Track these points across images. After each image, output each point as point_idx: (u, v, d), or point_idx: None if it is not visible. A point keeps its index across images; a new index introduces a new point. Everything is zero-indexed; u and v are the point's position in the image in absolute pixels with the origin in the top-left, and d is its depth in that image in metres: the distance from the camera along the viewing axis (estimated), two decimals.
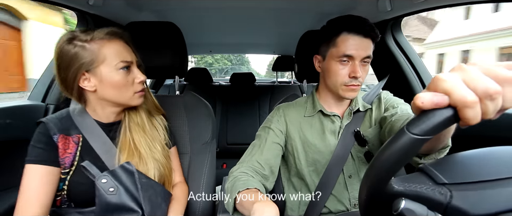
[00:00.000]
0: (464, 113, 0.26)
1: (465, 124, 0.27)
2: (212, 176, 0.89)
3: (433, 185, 0.32)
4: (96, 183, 0.62)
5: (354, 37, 0.68)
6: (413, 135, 0.28)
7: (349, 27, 0.69)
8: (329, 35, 0.72)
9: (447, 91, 0.27)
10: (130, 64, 0.67)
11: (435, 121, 0.27)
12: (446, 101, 0.27)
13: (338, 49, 0.69)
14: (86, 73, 0.63)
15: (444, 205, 0.31)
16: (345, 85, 0.71)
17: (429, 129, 0.28)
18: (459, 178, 0.32)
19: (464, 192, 0.31)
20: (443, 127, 0.28)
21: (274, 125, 0.80)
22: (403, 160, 0.30)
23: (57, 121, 0.68)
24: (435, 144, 0.47)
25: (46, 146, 0.65)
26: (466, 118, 0.26)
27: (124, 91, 0.67)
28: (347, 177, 0.76)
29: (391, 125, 0.65)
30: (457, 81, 0.27)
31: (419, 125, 0.28)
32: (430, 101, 0.27)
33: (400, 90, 1.12)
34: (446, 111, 0.27)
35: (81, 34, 0.62)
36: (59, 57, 0.62)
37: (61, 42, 0.62)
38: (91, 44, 0.62)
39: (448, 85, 0.27)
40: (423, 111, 0.28)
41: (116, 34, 0.65)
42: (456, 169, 0.34)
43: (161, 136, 0.79)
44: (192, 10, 1.27)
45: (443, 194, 0.31)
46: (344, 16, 0.72)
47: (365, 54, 0.69)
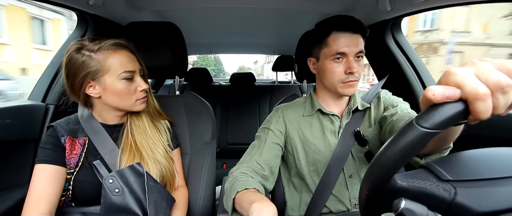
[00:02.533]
0: (475, 106, 0.26)
1: (475, 118, 0.27)
2: (212, 176, 0.89)
3: (437, 182, 0.32)
4: (103, 183, 0.64)
5: (344, 34, 0.70)
6: (422, 128, 0.27)
7: (338, 26, 0.70)
8: (320, 37, 0.73)
9: (459, 84, 0.27)
10: (133, 73, 0.70)
11: (446, 115, 0.27)
12: (457, 95, 0.27)
13: (330, 48, 0.70)
14: (91, 81, 0.67)
15: (448, 202, 0.30)
16: (342, 82, 0.71)
17: (439, 122, 0.27)
18: (463, 175, 0.32)
19: (468, 189, 0.30)
20: (454, 121, 0.27)
21: (273, 126, 0.80)
22: (410, 155, 0.29)
23: (65, 124, 0.73)
24: (440, 144, 0.46)
25: (54, 147, 0.69)
26: (477, 112, 0.26)
27: (127, 99, 0.70)
28: (348, 177, 0.76)
29: (392, 125, 0.65)
30: (469, 74, 0.27)
31: (429, 118, 0.27)
32: (441, 94, 0.27)
33: (399, 90, 1.12)
34: (457, 105, 0.27)
35: (89, 44, 0.66)
36: (68, 65, 0.66)
37: (71, 51, 0.66)
38: (98, 54, 0.66)
39: (460, 78, 0.27)
40: (433, 104, 0.28)
41: (121, 46, 0.69)
42: (459, 166, 0.34)
43: (164, 138, 0.80)
44: (192, 10, 1.27)
45: (448, 190, 0.31)
46: (331, 17, 0.73)
47: (357, 50, 0.70)
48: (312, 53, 0.79)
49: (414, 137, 0.28)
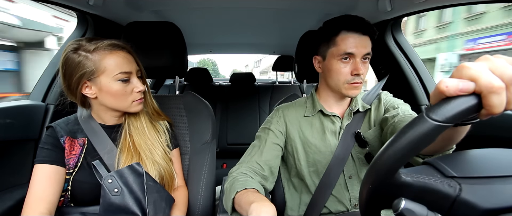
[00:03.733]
0: (489, 99, 0.26)
1: (488, 113, 0.27)
2: (212, 176, 0.89)
3: (442, 178, 0.31)
4: (102, 183, 0.64)
5: (353, 35, 0.69)
6: (432, 121, 0.27)
7: (348, 26, 0.69)
8: (328, 35, 0.72)
9: (473, 77, 0.27)
10: (129, 75, 0.69)
11: (458, 108, 0.26)
12: (471, 87, 0.27)
13: (339, 48, 0.70)
14: (87, 81, 0.67)
15: (453, 198, 0.30)
16: (347, 83, 0.71)
17: (451, 115, 0.26)
18: (468, 172, 0.32)
19: (473, 186, 0.30)
20: (466, 114, 0.27)
21: (273, 126, 0.80)
22: (418, 148, 0.28)
23: (64, 125, 0.73)
24: (445, 144, 0.45)
25: (54, 148, 0.69)
26: (491, 105, 0.26)
27: (123, 100, 0.70)
28: (347, 178, 0.76)
29: (394, 127, 0.65)
30: (484, 68, 0.27)
31: (440, 111, 0.27)
32: (455, 86, 0.27)
33: (400, 90, 1.12)
34: (470, 98, 0.27)
35: (86, 44, 0.66)
36: (65, 65, 0.66)
37: (68, 51, 0.66)
38: (94, 54, 0.65)
39: (474, 72, 0.27)
40: (445, 98, 0.28)
41: (118, 46, 0.68)
42: (464, 164, 0.33)
43: (163, 139, 0.80)
44: (192, 10, 1.27)
45: (453, 186, 0.30)
46: (341, 16, 0.73)
47: (365, 51, 0.69)
48: (318, 52, 0.78)
49: (424, 130, 0.27)
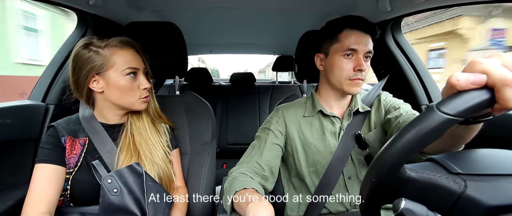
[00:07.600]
0: (503, 93, 0.26)
1: (501, 107, 0.26)
2: (212, 176, 0.89)
3: (447, 174, 0.31)
4: (101, 183, 0.64)
5: (356, 32, 0.71)
6: (443, 114, 0.26)
7: (351, 24, 0.72)
8: (332, 32, 0.74)
9: (485, 71, 0.26)
10: (136, 70, 0.71)
11: (471, 101, 0.26)
12: (483, 80, 0.26)
13: (342, 44, 0.72)
14: (96, 75, 0.69)
15: (457, 194, 0.30)
16: (349, 80, 0.72)
17: (463, 109, 0.26)
18: (474, 169, 0.32)
19: (478, 183, 0.30)
20: (478, 108, 0.26)
21: (273, 126, 0.80)
22: (427, 142, 0.28)
23: (65, 124, 0.74)
24: (454, 142, 0.44)
25: (54, 147, 0.69)
26: (505, 99, 0.26)
27: (129, 95, 0.71)
28: (347, 179, 0.76)
29: (399, 127, 0.65)
30: (496, 62, 0.27)
31: (452, 104, 0.26)
32: (466, 79, 0.26)
33: (400, 90, 1.11)
34: (482, 92, 0.26)
35: (97, 41, 0.69)
36: (75, 60, 0.68)
37: (78, 47, 0.69)
38: (105, 50, 0.68)
39: (487, 66, 0.26)
40: (456, 92, 0.27)
41: (128, 43, 0.72)
42: (469, 162, 0.33)
43: (163, 140, 0.80)
44: (192, 10, 1.27)
45: (458, 183, 0.30)
46: (344, 16, 0.75)
47: (367, 49, 0.71)
48: (321, 49, 0.79)
49: (434, 123, 0.26)
